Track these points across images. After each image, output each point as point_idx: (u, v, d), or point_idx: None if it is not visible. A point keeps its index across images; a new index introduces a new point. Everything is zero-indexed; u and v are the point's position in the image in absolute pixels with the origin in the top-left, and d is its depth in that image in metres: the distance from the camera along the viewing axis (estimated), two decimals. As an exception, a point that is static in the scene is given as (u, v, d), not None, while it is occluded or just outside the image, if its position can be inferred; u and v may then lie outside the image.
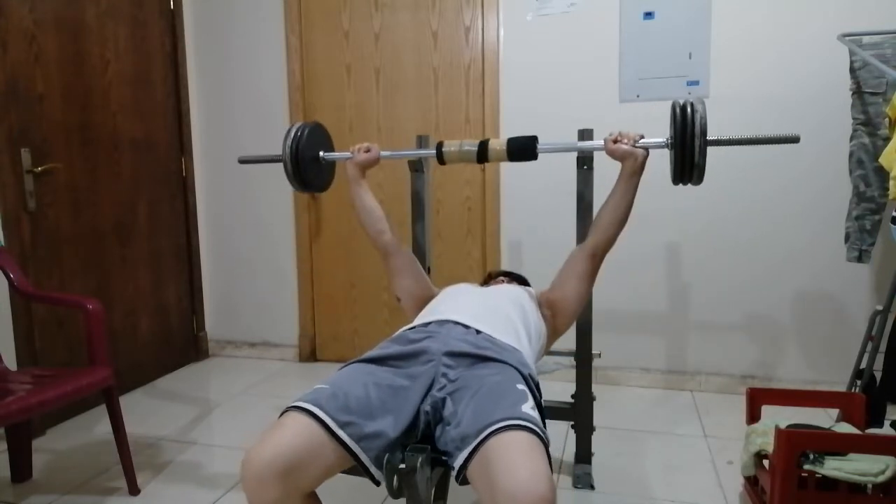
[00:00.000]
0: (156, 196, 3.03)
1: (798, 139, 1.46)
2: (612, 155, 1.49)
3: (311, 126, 1.77)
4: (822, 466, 1.51)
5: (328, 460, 1.06)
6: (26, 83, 2.34)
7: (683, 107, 1.41)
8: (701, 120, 1.37)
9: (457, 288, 1.61)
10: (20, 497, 1.92)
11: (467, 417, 1.06)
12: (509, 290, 1.56)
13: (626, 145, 1.47)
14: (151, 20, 2.97)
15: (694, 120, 1.37)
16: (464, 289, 1.59)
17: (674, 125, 1.41)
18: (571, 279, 1.54)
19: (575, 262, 1.54)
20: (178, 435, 2.38)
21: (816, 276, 2.59)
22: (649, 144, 1.48)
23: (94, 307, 1.91)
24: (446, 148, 1.65)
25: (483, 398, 1.09)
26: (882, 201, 2.21)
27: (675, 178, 1.46)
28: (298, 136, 1.72)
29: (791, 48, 2.51)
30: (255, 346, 3.40)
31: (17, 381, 1.82)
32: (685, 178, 1.43)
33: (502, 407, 1.05)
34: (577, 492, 1.90)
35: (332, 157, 1.82)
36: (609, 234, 1.51)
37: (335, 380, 1.17)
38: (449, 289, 1.61)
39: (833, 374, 2.56)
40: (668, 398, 2.68)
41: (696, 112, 1.38)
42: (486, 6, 2.83)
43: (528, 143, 1.60)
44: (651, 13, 2.63)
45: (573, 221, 1.90)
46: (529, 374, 1.23)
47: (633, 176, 1.48)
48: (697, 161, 1.38)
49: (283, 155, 1.72)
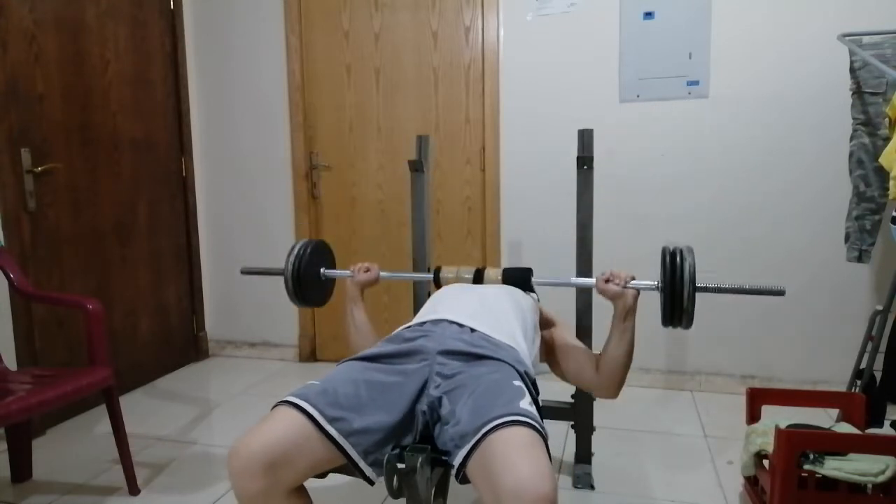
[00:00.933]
0: (156, 196, 3.03)
1: (783, 293, 1.47)
2: (604, 294, 1.48)
3: (315, 243, 1.80)
4: (822, 466, 1.51)
5: (315, 455, 1.07)
6: (26, 83, 2.34)
7: (673, 253, 1.45)
8: (690, 268, 1.42)
9: (453, 288, 1.61)
10: (20, 497, 1.92)
11: (465, 415, 1.06)
12: (508, 290, 1.56)
13: (617, 286, 1.46)
14: (151, 20, 2.97)
15: (683, 268, 1.42)
16: (459, 289, 1.59)
17: (664, 271, 1.44)
18: (573, 363, 1.57)
19: (584, 364, 1.55)
20: (178, 435, 2.38)
21: (816, 276, 2.59)
22: (640, 286, 1.48)
23: (94, 307, 1.91)
24: (444, 273, 1.73)
25: (480, 396, 1.09)
26: (882, 201, 2.21)
27: (664, 321, 1.47)
28: (301, 254, 1.74)
29: (791, 48, 2.51)
30: (255, 346, 3.40)
31: (17, 381, 1.82)
32: (675, 322, 1.46)
33: (500, 403, 1.05)
34: (577, 492, 1.90)
35: (332, 275, 1.83)
36: (616, 379, 1.50)
37: (327, 377, 1.18)
38: (445, 289, 1.62)
39: (833, 374, 2.56)
40: (668, 398, 2.68)
41: (685, 260, 1.42)
42: (486, 6, 2.83)
43: (523, 275, 1.67)
44: (651, 13, 2.63)
45: (573, 221, 1.90)
46: (525, 372, 1.23)
47: (626, 319, 1.46)
48: (686, 307, 1.42)
49: (284, 271, 1.74)
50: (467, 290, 1.56)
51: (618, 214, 2.72)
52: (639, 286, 1.49)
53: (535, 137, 2.83)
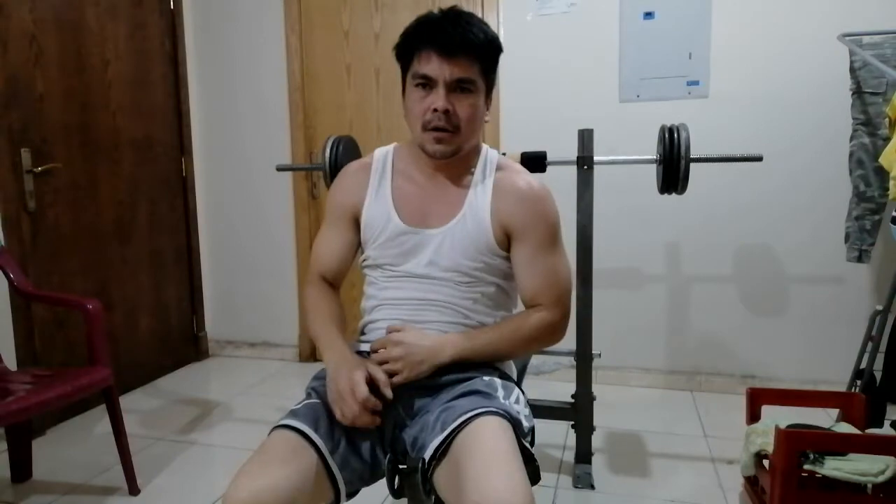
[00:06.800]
0: (156, 196, 3.02)
1: (761, 158, 1.84)
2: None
3: (345, 140, 2.03)
4: (822, 466, 1.51)
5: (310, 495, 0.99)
6: (26, 83, 2.34)
7: (671, 129, 1.78)
8: (685, 140, 1.75)
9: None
10: (20, 497, 1.92)
11: (440, 421, 1.02)
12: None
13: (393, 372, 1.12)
14: (151, 20, 2.97)
15: (679, 140, 1.75)
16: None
17: (662, 145, 1.76)
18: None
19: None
20: (178, 435, 2.38)
21: (816, 276, 2.59)
22: (639, 160, 1.89)
23: (93, 307, 1.90)
24: None
25: (453, 403, 1.06)
26: (882, 201, 2.21)
27: (661, 188, 1.83)
28: (334, 149, 1.98)
29: (791, 48, 2.51)
30: (255, 346, 3.40)
31: (17, 381, 1.82)
32: (671, 188, 1.80)
33: (472, 401, 1.03)
34: (577, 492, 1.90)
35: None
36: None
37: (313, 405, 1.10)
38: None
39: (833, 374, 2.56)
40: (668, 398, 2.68)
41: (680, 135, 1.75)
42: (486, 6, 2.82)
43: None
44: (651, 13, 2.63)
45: (573, 221, 1.90)
46: (496, 366, 1.19)
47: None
48: (682, 173, 1.75)
49: (322, 165, 1.97)
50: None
51: (618, 214, 2.72)
52: (637, 160, 1.88)
53: (535, 137, 2.82)
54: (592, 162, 1.88)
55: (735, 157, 1.87)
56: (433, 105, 1.11)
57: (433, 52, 1.10)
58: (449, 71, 1.10)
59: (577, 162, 1.89)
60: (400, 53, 1.19)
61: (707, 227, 2.68)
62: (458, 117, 1.12)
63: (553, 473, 2.01)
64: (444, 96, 1.10)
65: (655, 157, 1.86)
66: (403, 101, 1.20)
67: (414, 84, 1.14)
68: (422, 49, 1.12)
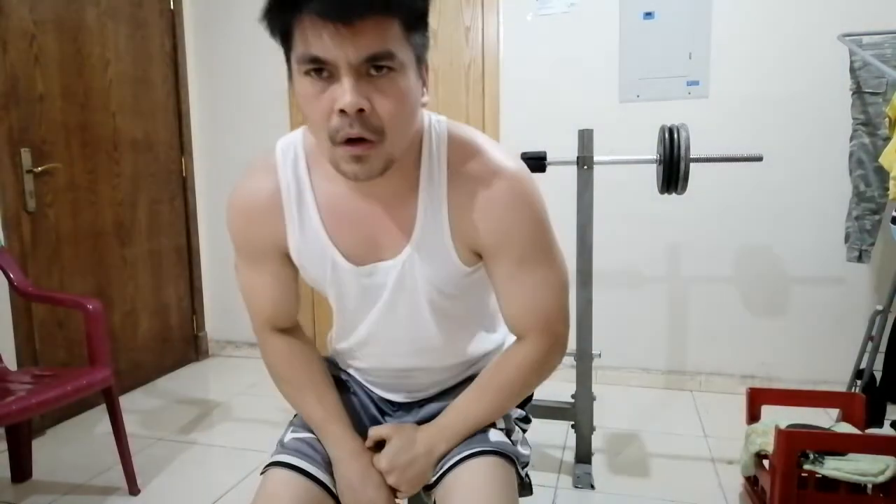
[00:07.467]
0: (156, 196, 3.02)
1: (761, 158, 1.86)
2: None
3: None
4: (822, 466, 1.51)
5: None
6: (26, 83, 2.34)
7: (671, 129, 1.79)
8: (685, 140, 1.76)
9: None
10: (20, 497, 1.92)
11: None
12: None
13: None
14: (151, 20, 2.97)
15: (679, 140, 1.76)
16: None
17: (662, 145, 1.78)
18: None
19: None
20: (178, 435, 2.38)
21: (816, 276, 2.59)
22: (639, 160, 1.91)
23: (93, 307, 1.90)
24: None
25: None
26: (882, 201, 2.21)
27: (661, 188, 1.85)
28: None
29: (791, 48, 2.51)
30: (255, 346, 3.39)
31: (17, 381, 1.82)
32: (671, 188, 1.83)
33: (467, 443, 0.94)
34: (577, 492, 1.90)
35: None
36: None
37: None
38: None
39: (833, 374, 2.56)
40: (668, 398, 2.68)
41: (680, 135, 1.76)
42: (486, 6, 2.82)
43: None
44: (651, 13, 2.63)
45: (573, 221, 1.90)
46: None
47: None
48: (683, 173, 1.76)
49: None
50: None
51: (618, 214, 2.72)
52: (637, 160, 1.89)
53: (535, 137, 2.82)
54: (592, 162, 1.88)
55: (735, 157, 1.89)
56: (338, 105, 0.72)
57: (318, 19, 0.70)
58: (352, 47, 0.70)
59: (577, 162, 1.89)
60: (271, 24, 0.78)
61: (707, 227, 2.68)
62: (380, 116, 0.74)
63: (553, 473, 2.01)
64: (351, 88, 0.71)
65: (655, 157, 1.88)
66: (293, 96, 0.84)
67: (303, 72, 0.75)
68: (302, 15, 0.71)
